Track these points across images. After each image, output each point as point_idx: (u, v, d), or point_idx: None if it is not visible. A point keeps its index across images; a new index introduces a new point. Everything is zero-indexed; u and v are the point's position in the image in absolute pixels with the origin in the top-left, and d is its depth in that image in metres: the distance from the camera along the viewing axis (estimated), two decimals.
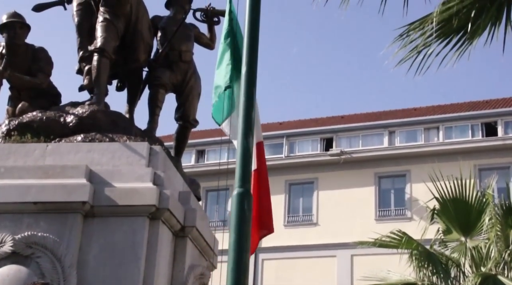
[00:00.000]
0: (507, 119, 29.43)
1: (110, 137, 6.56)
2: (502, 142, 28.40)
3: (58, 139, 6.62)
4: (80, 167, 5.96)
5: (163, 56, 7.95)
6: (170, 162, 6.76)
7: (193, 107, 8.15)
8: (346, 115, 34.43)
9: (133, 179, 5.97)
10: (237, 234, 4.51)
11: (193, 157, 32.52)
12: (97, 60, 7.20)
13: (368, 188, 29.47)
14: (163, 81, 7.85)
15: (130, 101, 8.00)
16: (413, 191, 28.14)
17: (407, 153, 29.24)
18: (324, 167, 30.19)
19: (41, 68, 7.47)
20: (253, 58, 5.06)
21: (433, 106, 33.45)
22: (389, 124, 30.96)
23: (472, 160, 23.33)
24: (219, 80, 6.90)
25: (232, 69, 6.79)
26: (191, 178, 7.84)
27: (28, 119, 6.86)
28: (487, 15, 4.81)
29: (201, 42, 8.44)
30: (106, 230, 5.79)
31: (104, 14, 7.37)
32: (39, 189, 5.80)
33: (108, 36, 7.26)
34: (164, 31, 8.10)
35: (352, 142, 31.15)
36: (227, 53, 6.90)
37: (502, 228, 9.57)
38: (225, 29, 7.03)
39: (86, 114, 6.81)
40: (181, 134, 8.24)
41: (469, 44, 5.06)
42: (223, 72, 6.86)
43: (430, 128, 30.38)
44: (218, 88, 6.86)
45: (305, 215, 30.32)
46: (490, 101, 32.18)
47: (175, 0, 8.29)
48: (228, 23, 7.03)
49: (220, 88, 6.83)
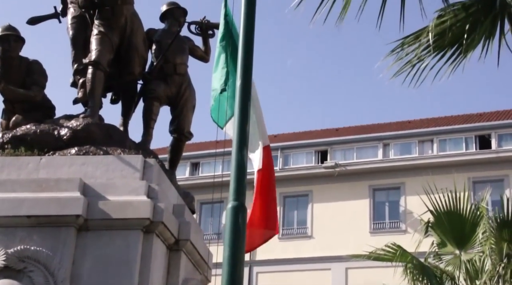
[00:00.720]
0: (500, 132, 29.54)
1: (104, 150, 6.55)
2: (496, 154, 28.49)
3: (52, 152, 6.59)
4: (74, 180, 5.93)
5: (158, 69, 7.96)
6: (164, 175, 6.74)
7: (187, 120, 8.14)
8: (340, 128, 34.50)
9: (127, 192, 5.95)
10: (232, 247, 4.49)
11: (187, 169, 32.48)
12: (91, 73, 7.20)
13: (362, 200, 29.47)
14: (157, 93, 7.85)
15: (124, 113, 7.99)
16: (408, 203, 28.16)
17: (401, 166, 29.29)
18: (318, 179, 30.19)
19: (35, 81, 7.46)
20: (248, 71, 5.06)
21: (427, 119, 33.57)
22: (383, 136, 31.03)
23: (466, 173, 23.41)
24: (215, 83, 6.93)
25: (227, 72, 6.80)
26: (185, 191, 7.82)
27: (21, 132, 6.84)
28: (481, 29, 4.84)
29: (195, 55, 8.46)
30: (99, 243, 5.75)
31: (98, 27, 7.38)
32: (32, 202, 5.77)
33: (102, 49, 7.26)
34: (159, 44, 8.11)
35: (346, 155, 31.19)
36: (222, 55, 6.91)
37: (496, 241, 9.58)
38: (221, 32, 7.04)
39: (80, 127, 6.79)
40: (176, 147, 8.23)
41: (464, 57, 5.09)
42: (219, 75, 6.89)
43: (424, 141, 30.47)
44: (214, 91, 6.89)
45: (299, 228, 30.27)
46: (484, 114, 32.32)
47: (170, 13, 8.31)
48: (224, 26, 7.04)
49: (216, 91, 6.87)
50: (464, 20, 4.79)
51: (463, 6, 4.72)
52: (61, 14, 8.17)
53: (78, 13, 7.77)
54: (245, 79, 4.98)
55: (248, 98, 4.96)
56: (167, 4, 8.37)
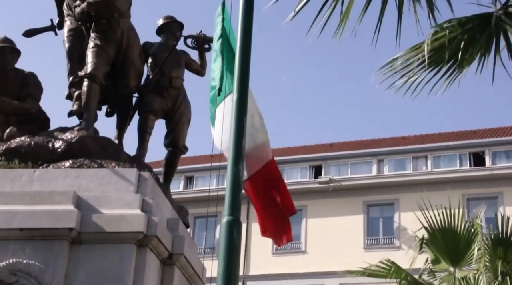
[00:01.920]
0: (494, 149, 29.63)
1: (99, 163, 6.52)
2: (490, 172, 28.54)
3: (46, 164, 6.56)
4: (68, 193, 5.90)
5: (154, 82, 7.96)
6: (158, 189, 6.72)
7: (182, 134, 8.14)
8: (335, 143, 34.54)
9: (121, 206, 5.92)
10: (226, 262, 4.46)
11: (181, 183, 32.41)
12: (87, 85, 7.19)
13: (356, 216, 29.44)
14: (153, 107, 7.84)
15: (119, 126, 7.97)
16: (402, 219, 28.14)
17: (395, 182, 29.31)
18: (312, 194, 30.17)
19: (30, 93, 7.45)
20: (244, 85, 5.06)
21: (421, 135, 33.66)
22: (377, 152, 31.08)
23: (460, 190, 23.42)
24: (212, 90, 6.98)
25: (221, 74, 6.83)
26: (179, 205, 7.80)
27: (15, 144, 6.81)
28: (476, 45, 4.86)
29: (191, 68, 8.47)
30: (93, 257, 5.71)
31: (95, 40, 7.38)
32: (25, 215, 5.73)
33: (98, 62, 7.26)
34: (155, 57, 8.11)
35: (341, 170, 31.20)
36: (218, 58, 6.95)
37: (491, 258, 9.55)
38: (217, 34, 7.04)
39: (74, 140, 6.77)
40: (171, 161, 8.21)
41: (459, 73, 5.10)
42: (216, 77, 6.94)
43: (418, 157, 30.53)
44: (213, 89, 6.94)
45: (293, 243, 30.17)
46: (477, 131, 32.44)
47: (167, 26, 8.32)
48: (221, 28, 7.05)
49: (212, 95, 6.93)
50: (460, 37, 4.82)
51: (459, 22, 4.75)
52: (58, 27, 8.18)
53: (74, 26, 7.77)
54: (241, 93, 4.98)
55: (244, 112, 4.96)
56: (163, 18, 8.39)
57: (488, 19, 4.69)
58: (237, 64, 5.12)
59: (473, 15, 4.70)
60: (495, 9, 4.66)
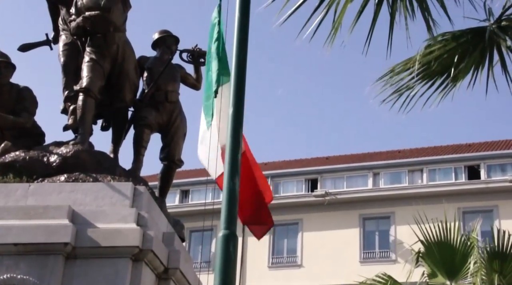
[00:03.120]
0: (489, 162, 29.69)
1: (94, 177, 6.51)
2: (485, 185, 28.57)
3: (41, 179, 6.54)
4: (63, 208, 5.88)
5: (149, 96, 7.96)
6: (154, 203, 6.70)
7: (178, 148, 8.13)
8: (331, 156, 34.55)
9: (117, 220, 5.90)
10: (222, 277, 4.44)
11: (177, 197, 32.34)
12: (82, 99, 7.19)
13: (352, 229, 29.40)
14: (148, 121, 7.84)
15: (115, 141, 7.96)
16: (398, 233, 28.11)
17: (391, 195, 29.31)
18: (308, 208, 30.13)
19: (26, 108, 7.45)
20: (240, 99, 5.06)
21: (416, 149, 33.71)
22: (373, 165, 31.11)
23: (456, 203, 23.43)
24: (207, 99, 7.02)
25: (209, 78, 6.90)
26: (175, 219, 7.77)
27: (10, 158, 6.79)
28: (469, 59, 4.88)
29: (187, 82, 8.48)
30: (88, 271, 5.68)
31: (90, 54, 7.39)
32: (20, 230, 5.70)
33: (93, 76, 7.26)
34: (150, 71, 8.12)
35: (336, 183, 31.20)
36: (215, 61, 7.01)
37: (487, 272, 9.53)
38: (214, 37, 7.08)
39: (70, 154, 6.75)
40: (166, 174, 8.20)
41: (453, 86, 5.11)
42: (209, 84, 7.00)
43: (414, 170, 30.55)
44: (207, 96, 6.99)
45: (289, 257, 30.10)
46: (473, 145, 32.52)
47: (162, 41, 8.34)
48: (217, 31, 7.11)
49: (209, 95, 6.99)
50: (454, 50, 4.83)
51: (453, 36, 4.77)
52: (53, 41, 8.20)
53: (69, 40, 7.79)
54: (237, 107, 4.98)
55: (240, 126, 4.96)
56: (159, 32, 8.41)
57: (482, 33, 4.71)
58: (233, 78, 5.13)
59: (466, 29, 4.73)
60: (488, 23, 4.69)
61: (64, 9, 7.91)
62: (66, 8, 7.85)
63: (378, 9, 4.04)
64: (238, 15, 5.25)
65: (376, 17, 4.09)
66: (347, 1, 3.93)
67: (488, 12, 4.59)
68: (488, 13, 4.59)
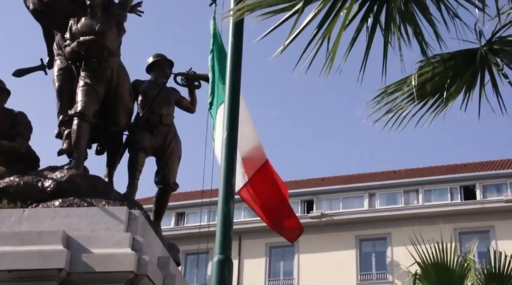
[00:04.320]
0: (485, 182, 29.70)
1: (89, 201, 6.49)
2: (481, 205, 28.56)
3: (35, 204, 6.52)
4: (57, 233, 5.84)
5: (144, 120, 7.97)
6: (149, 227, 6.67)
7: (173, 171, 8.12)
8: (326, 178, 34.52)
9: (111, 245, 5.86)
10: None
11: (172, 219, 32.21)
12: (77, 124, 7.19)
13: (349, 251, 29.30)
14: (143, 144, 7.84)
15: (109, 164, 7.95)
16: (394, 254, 28.01)
17: (387, 216, 29.26)
18: (305, 229, 29.94)
19: (20, 133, 7.44)
20: (234, 123, 5.08)
21: (412, 169, 33.72)
22: (369, 186, 31.09)
23: (452, 224, 23.39)
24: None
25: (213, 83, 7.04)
26: (170, 243, 7.74)
27: (4, 184, 6.77)
28: (461, 80, 4.92)
29: (182, 105, 8.49)
30: None
31: (84, 79, 7.41)
32: (14, 256, 5.66)
33: (88, 101, 7.27)
34: (145, 95, 8.14)
35: (332, 205, 31.14)
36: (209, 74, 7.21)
37: None
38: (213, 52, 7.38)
39: (64, 179, 6.74)
40: (161, 198, 8.17)
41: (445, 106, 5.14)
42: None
43: (409, 191, 30.54)
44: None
45: (286, 279, 29.95)
46: (468, 165, 32.55)
47: (157, 64, 8.37)
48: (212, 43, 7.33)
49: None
50: (445, 71, 4.87)
51: (444, 58, 4.80)
52: (48, 66, 8.21)
53: (64, 65, 7.81)
54: (231, 131, 5.00)
55: (234, 150, 4.97)
56: (153, 56, 8.44)
57: (473, 54, 4.75)
58: (227, 102, 5.15)
59: (458, 50, 4.77)
60: (480, 45, 4.73)
61: (59, 34, 7.94)
62: (60, 33, 7.88)
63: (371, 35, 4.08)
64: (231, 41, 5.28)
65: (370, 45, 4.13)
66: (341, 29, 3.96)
67: (479, 34, 4.63)
68: (478, 35, 4.63)
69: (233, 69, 5.29)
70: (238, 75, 5.27)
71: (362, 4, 4.10)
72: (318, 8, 3.93)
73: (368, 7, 4.11)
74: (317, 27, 3.95)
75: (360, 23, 4.12)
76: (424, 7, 4.16)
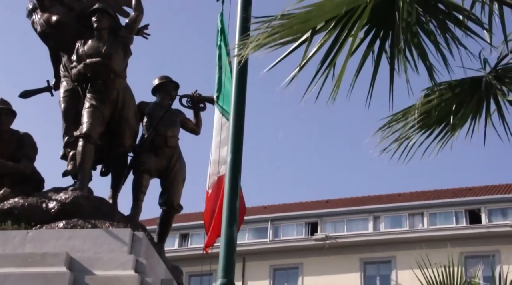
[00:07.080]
0: (490, 206, 29.54)
1: (93, 223, 6.49)
2: (487, 229, 28.37)
3: (39, 225, 6.53)
4: (61, 255, 5.85)
5: (149, 141, 7.98)
6: (152, 249, 6.67)
7: (177, 193, 8.11)
8: (331, 200, 34.40)
9: (115, 267, 5.86)
10: None
11: (176, 240, 32.09)
12: (82, 145, 7.22)
13: (353, 274, 29.08)
14: (148, 166, 7.85)
15: (114, 186, 7.96)
16: (399, 277, 27.78)
17: (392, 239, 29.07)
18: (309, 252, 29.86)
19: (25, 154, 7.47)
20: (238, 146, 5.09)
21: (417, 192, 33.58)
22: (374, 209, 30.94)
23: (457, 247, 23.23)
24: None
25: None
26: (173, 265, 7.72)
27: (9, 205, 6.79)
28: (467, 108, 4.92)
29: (187, 127, 8.51)
30: None
31: (90, 100, 7.45)
32: (17, 278, 5.67)
33: (93, 122, 7.31)
34: (150, 116, 8.16)
35: (337, 227, 30.98)
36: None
37: None
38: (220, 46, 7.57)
39: (68, 200, 6.75)
40: (165, 220, 8.16)
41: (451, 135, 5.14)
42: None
43: (414, 214, 30.38)
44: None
45: None
46: (473, 188, 32.40)
47: (162, 86, 8.40)
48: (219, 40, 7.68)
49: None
50: (451, 100, 4.88)
51: (450, 86, 4.82)
52: (54, 88, 8.27)
53: (70, 86, 7.86)
54: (235, 155, 5.01)
55: (239, 174, 4.98)
56: (159, 78, 8.48)
57: (478, 82, 4.76)
58: (231, 127, 5.17)
59: (463, 78, 4.78)
60: (484, 73, 4.74)
61: (66, 56, 8.00)
62: (67, 55, 7.94)
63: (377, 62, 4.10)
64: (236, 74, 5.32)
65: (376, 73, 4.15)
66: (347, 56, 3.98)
67: (484, 62, 4.64)
68: (483, 62, 4.64)
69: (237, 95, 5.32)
70: (242, 100, 5.30)
71: (368, 31, 4.13)
72: (324, 38, 3.96)
73: (374, 33, 4.13)
74: (324, 55, 3.98)
75: (366, 50, 4.14)
76: (429, 32, 4.18)
